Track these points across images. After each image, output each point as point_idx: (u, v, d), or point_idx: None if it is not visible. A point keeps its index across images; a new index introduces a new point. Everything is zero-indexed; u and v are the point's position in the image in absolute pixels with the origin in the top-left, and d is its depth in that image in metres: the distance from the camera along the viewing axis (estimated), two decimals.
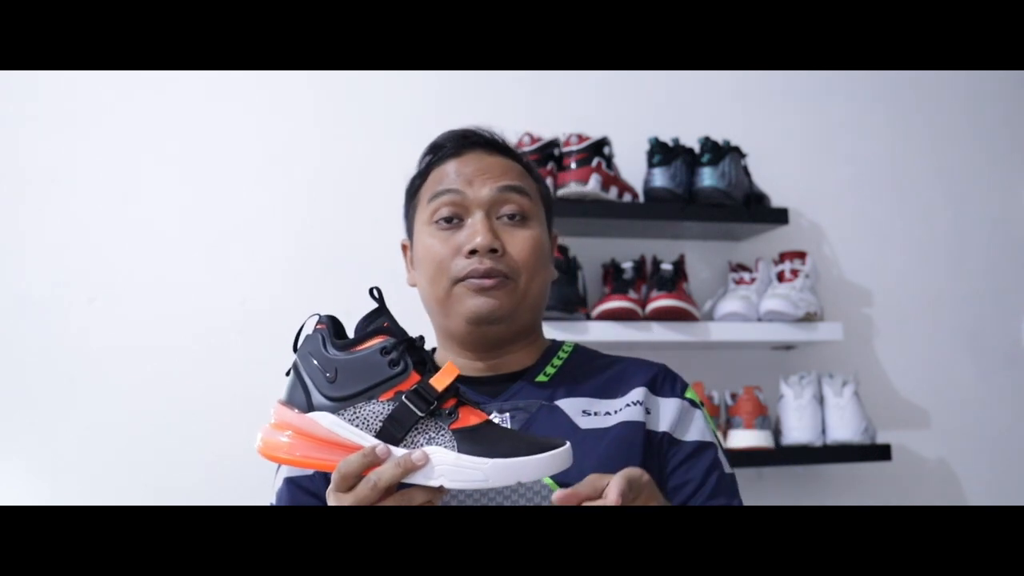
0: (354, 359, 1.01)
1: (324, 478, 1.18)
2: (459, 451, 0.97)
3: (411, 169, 1.30)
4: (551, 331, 1.98)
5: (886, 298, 2.57)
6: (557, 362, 1.26)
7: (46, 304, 2.03)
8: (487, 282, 1.18)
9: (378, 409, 0.99)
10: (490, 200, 1.21)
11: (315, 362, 1.02)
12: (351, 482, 0.97)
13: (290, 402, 1.03)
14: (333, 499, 0.99)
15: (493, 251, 1.18)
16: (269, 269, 2.15)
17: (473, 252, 1.18)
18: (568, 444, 1.00)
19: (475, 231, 1.19)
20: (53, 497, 1.97)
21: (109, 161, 2.11)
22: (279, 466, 1.23)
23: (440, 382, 1.00)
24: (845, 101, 2.62)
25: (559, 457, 0.98)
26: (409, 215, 1.30)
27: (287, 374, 1.05)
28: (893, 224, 2.61)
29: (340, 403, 1.00)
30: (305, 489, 1.19)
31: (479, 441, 0.98)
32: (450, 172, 1.23)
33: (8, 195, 2.05)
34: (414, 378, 1.00)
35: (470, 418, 1.00)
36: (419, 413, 0.98)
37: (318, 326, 1.05)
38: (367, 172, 2.23)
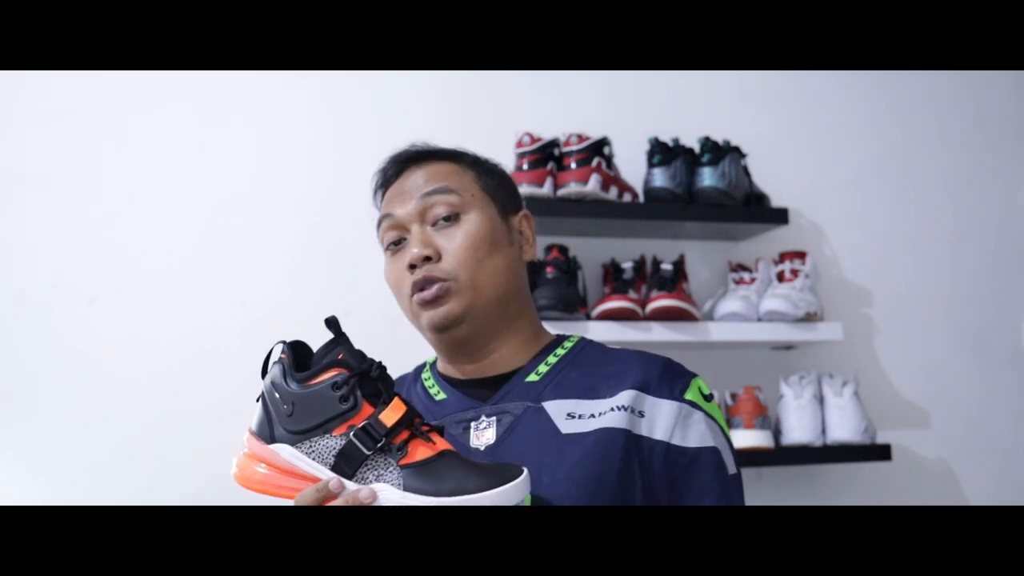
0: (309, 394, 1.01)
1: None
2: (405, 488, 0.97)
3: None
4: (551, 331, 1.98)
5: (886, 298, 2.57)
6: (552, 359, 1.24)
7: (46, 304, 2.03)
8: (427, 294, 1.20)
9: (332, 444, 1.00)
10: (418, 211, 1.23)
11: (276, 394, 1.03)
12: None
13: (258, 432, 1.05)
14: None
15: (428, 259, 1.20)
16: (269, 269, 2.15)
17: (413, 267, 1.21)
18: (525, 474, 0.99)
19: (410, 245, 1.22)
20: (53, 497, 1.97)
21: (109, 161, 2.10)
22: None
23: (389, 417, 1.00)
24: (845, 101, 2.62)
25: (511, 491, 0.97)
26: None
27: (257, 400, 1.06)
28: (893, 224, 2.61)
29: (298, 436, 1.01)
30: None
31: (427, 477, 0.98)
32: (388, 197, 1.28)
33: (8, 195, 2.05)
34: (366, 412, 1.00)
35: (418, 452, 0.99)
36: (366, 451, 0.99)
37: (281, 356, 1.04)
38: (367, 172, 2.21)
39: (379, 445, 0.99)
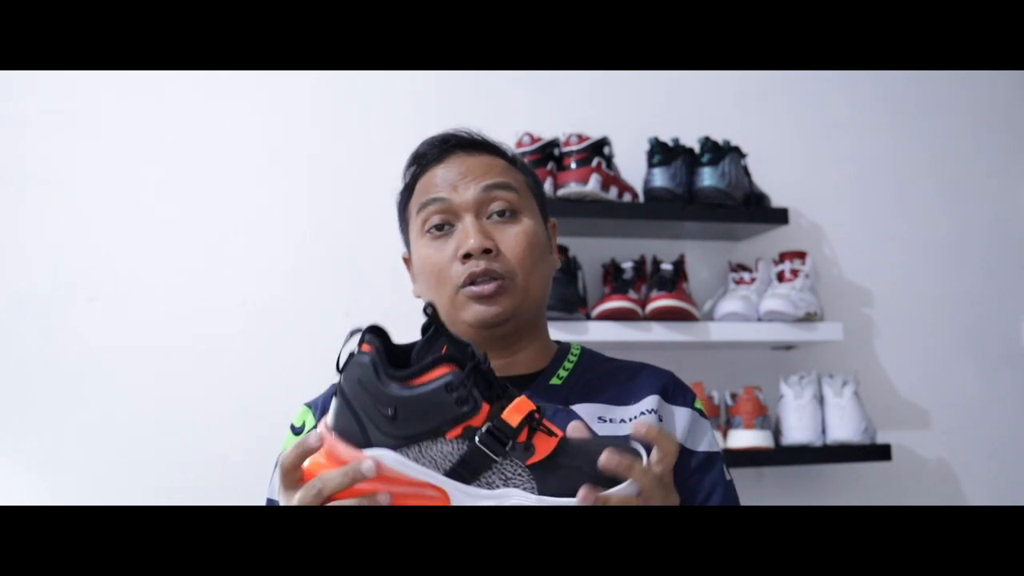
0: (416, 396, 0.89)
1: None
2: (540, 492, 0.89)
3: None
4: (551, 331, 1.98)
5: (886, 298, 2.57)
6: (569, 365, 1.26)
7: (46, 304, 2.03)
8: (487, 289, 1.17)
9: (446, 449, 0.89)
10: (476, 201, 1.20)
11: (368, 394, 0.90)
12: (295, 476, 0.93)
13: (342, 434, 0.91)
14: (282, 496, 0.95)
15: (487, 251, 1.17)
16: (269, 269, 2.15)
17: (468, 256, 1.17)
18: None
19: (467, 234, 1.18)
20: (53, 497, 1.97)
21: (109, 161, 2.11)
22: (277, 464, 1.22)
23: (513, 416, 0.90)
24: (845, 101, 2.62)
25: (633, 486, 0.91)
26: (403, 228, 1.29)
27: (334, 396, 0.93)
28: (893, 224, 2.61)
29: (402, 441, 0.90)
30: None
31: (556, 475, 0.90)
32: (435, 180, 1.22)
33: (8, 195, 2.04)
34: (484, 411, 0.90)
35: (545, 447, 0.91)
36: (495, 457, 0.89)
37: (364, 348, 0.91)
38: (367, 172, 2.23)
39: (507, 448, 0.89)
